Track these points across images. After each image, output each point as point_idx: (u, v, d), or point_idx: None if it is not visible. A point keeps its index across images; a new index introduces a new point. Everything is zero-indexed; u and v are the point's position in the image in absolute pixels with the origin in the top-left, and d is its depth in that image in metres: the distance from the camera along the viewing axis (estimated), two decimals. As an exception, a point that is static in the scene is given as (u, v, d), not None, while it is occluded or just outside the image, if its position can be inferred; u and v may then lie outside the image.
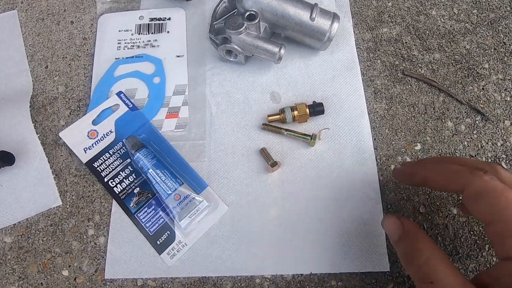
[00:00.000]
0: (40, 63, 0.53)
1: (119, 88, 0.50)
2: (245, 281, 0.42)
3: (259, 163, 0.47)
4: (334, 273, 0.42)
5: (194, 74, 0.52)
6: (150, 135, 0.48)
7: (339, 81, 0.51)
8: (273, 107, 0.50)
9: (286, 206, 0.44)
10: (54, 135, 0.48)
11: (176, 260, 0.42)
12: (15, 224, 0.44)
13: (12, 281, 0.41)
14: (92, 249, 0.43)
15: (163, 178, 0.43)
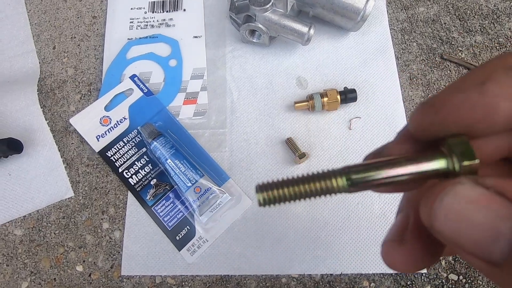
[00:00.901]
0: (47, 43, 0.49)
1: (133, 71, 0.47)
2: (270, 280, 0.39)
3: (285, 154, 0.43)
4: (365, 273, 0.39)
5: (213, 56, 0.48)
6: (167, 122, 0.44)
7: (371, 66, 0.47)
8: (299, 93, 0.46)
9: (314, 201, 0.41)
10: (64, 121, 0.45)
11: (196, 257, 0.39)
12: (25, 216, 0.41)
13: (24, 276, 0.39)
14: (107, 243, 0.40)
15: (183, 169, 0.40)
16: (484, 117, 0.10)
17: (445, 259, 0.39)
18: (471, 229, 0.09)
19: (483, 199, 0.09)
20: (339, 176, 0.12)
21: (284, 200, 0.13)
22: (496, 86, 0.10)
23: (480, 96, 0.10)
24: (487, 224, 0.09)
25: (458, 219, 0.10)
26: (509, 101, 0.10)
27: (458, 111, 0.11)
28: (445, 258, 0.39)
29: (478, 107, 0.10)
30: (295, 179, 0.13)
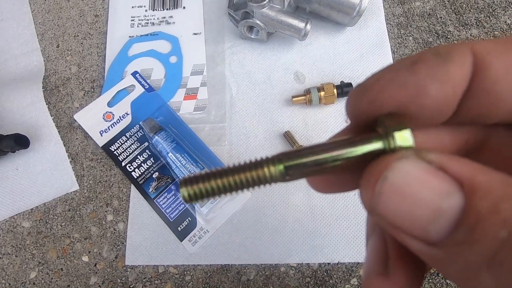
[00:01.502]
0: (51, 41, 0.51)
1: (134, 68, 0.48)
2: (269, 269, 0.40)
3: (283, 147, 0.44)
4: (362, 262, 0.40)
5: (213, 53, 0.49)
6: (168, 117, 0.45)
7: (368, 60, 0.48)
8: (297, 87, 0.47)
9: (311, 192, 0.42)
10: (68, 117, 0.46)
11: (198, 247, 0.40)
12: (32, 209, 0.43)
13: (32, 266, 0.41)
14: (111, 235, 0.42)
15: (184, 162, 0.41)
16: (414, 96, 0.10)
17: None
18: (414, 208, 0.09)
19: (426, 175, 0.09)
20: (272, 164, 0.11)
21: (212, 194, 0.11)
22: (426, 66, 0.10)
23: (410, 75, 0.10)
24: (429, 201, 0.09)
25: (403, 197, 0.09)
26: (437, 82, 0.10)
27: (388, 88, 0.10)
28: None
29: (407, 85, 0.10)
30: (224, 170, 0.12)
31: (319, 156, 0.11)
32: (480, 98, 0.11)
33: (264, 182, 0.11)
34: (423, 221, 0.09)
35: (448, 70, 0.10)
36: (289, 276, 0.40)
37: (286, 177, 0.11)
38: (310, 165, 0.11)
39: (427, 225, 0.09)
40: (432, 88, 0.10)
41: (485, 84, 0.10)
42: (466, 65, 0.10)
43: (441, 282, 0.39)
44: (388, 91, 0.11)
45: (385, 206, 0.10)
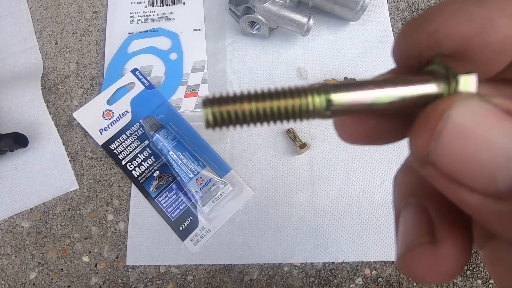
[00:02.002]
0: (50, 39, 0.50)
1: (134, 65, 0.47)
2: (272, 269, 0.39)
3: (286, 145, 0.43)
4: (367, 261, 0.39)
5: (214, 49, 0.48)
6: (169, 115, 0.45)
7: (372, 55, 0.47)
8: (299, 84, 0.46)
9: (315, 190, 0.41)
10: (67, 115, 0.46)
11: (200, 246, 0.40)
12: (31, 209, 0.42)
13: (32, 266, 0.40)
14: (112, 234, 0.41)
15: (185, 161, 0.41)
16: (481, 30, 0.09)
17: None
18: (481, 151, 0.08)
19: (495, 116, 0.08)
20: (317, 94, 0.09)
21: (241, 121, 0.09)
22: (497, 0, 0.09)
23: (478, 6, 0.09)
24: (499, 144, 0.08)
25: (468, 139, 0.08)
26: (507, 17, 0.09)
27: (454, 19, 0.09)
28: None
29: (475, 17, 0.09)
30: (260, 93, 0.09)
31: (370, 92, 0.09)
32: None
33: (303, 115, 0.09)
34: (490, 167, 0.08)
35: None
36: (293, 276, 0.39)
37: (328, 112, 0.09)
38: (358, 101, 0.09)
39: (495, 172, 0.08)
40: (502, 23, 0.09)
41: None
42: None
43: (448, 282, 0.38)
44: (454, 22, 0.09)
45: (445, 150, 0.08)
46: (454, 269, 0.09)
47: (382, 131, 0.11)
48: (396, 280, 0.39)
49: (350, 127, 0.11)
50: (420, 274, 0.10)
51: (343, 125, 0.11)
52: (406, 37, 0.10)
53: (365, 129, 0.11)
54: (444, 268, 0.09)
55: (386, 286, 0.39)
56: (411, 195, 0.11)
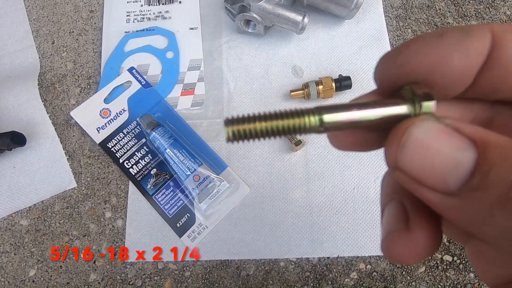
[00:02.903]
0: (46, 38, 0.50)
1: (131, 64, 0.47)
2: (269, 264, 0.40)
3: (282, 142, 0.44)
4: (362, 256, 0.40)
5: (210, 47, 0.48)
6: (166, 113, 0.45)
7: (366, 53, 0.47)
8: (295, 82, 0.46)
9: (311, 186, 0.42)
10: (65, 114, 0.46)
11: (197, 243, 0.40)
12: (30, 207, 0.42)
13: (31, 264, 0.40)
14: (110, 231, 0.41)
15: (181, 158, 0.41)
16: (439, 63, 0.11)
17: (440, 241, 0.40)
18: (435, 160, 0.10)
19: (445, 133, 0.10)
20: (312, 115, 0.12)
21: (254, 136, 0.12)
22: (451, 39, 0.11)
23: (437, 44, 0.11)
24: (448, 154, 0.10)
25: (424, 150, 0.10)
26: (461, 54, 0.11)
27: (418, 54, 0.12)
28: (440, 240, 0.40)
29: (435, 52, 0.11)
30: (268, 115, 0.12)
31: (354, 113, 0.12)
32: (494, 72, 0.12)
33: (302, 130, 0.12)
34: (442, 171, 0.10)
35: (470, 43, 0.11)
36: (289, 271, 0.40)
37: (321, 128, 0.12)
38: (344, 120, 0.12)
39: (446, 175, 0.10)
40: (456, 57, 0.11)
41: (500, 60, 0.12)
42: (486, 41, 0.12)
43: (441, 275, 0.39)
44: (418, 57, 0.12)
45: (408, 158, 0.11)
46: (423, 251, 0.12)
47: (367, 141, 0.14)
48: (390, 274, 0.39)
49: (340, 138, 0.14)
50: (396, 254, 0.12)
51: (335, 136, 0.14)
52: (382, 67, 0.13)
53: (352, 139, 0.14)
54: (415, 250, 0.12)
55: (380, 280, 0.39)
56: (393, 194, 0.14)
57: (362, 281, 0.39)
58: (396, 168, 0.11)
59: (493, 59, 0.12)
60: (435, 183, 0.10)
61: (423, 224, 0.12)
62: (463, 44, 0.11)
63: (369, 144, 0.14)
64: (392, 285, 0.39)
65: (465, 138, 0.10)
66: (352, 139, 0.14)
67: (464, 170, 0.10)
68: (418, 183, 0.11)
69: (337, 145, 0.14)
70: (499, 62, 0.12)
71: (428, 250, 0.12)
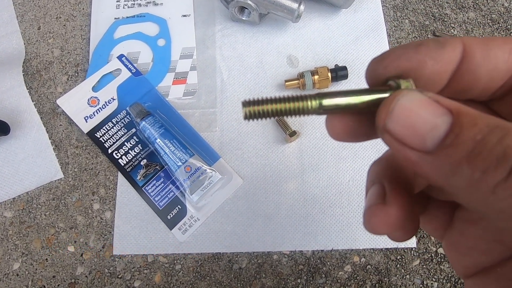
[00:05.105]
0: (32, 23, 0.48)
1: (120, 51, 0.46)
2: (262, 257, 0.39)
3: (276, 133, 0.43)
4: (356, 249, 0.39)
5: (203, 35, 0.47)
6: (156, 103, 0.44)
7: (363, 43, 0.46)
8: (290, 71, 0.45)
9: (305, 178, 0.41)
10: (51, 103, 0.44)
11: (188, 235, 0.39)
12: (14, 198, 0.41)
13: (15, 257, 0.39)
14: (98, 224, 0.40)
15: (172, 149, 0.40)
16: (416, 68, 0.14)
17: (434, 234, 0.40)
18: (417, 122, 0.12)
19: (426, 101, 0.13)
20: (314, 99, 0.15)
21: (265, 116, 0.15)
22: (427, 48, 0.14)
23: (414, 53, 0.14)
24: (428, 118, 0.12)
25: (408, 114, 0.13)
26: (434, 61, 0.14)
27: (398, 60, 0.15)
28: (435, 233, 0.40)
29: (412, 59, 0.14)
30: (277, 98, 0.15)
31: (349, 97, 0.14)
32: (465, 77, 0.15)
33: (305, 112, 0.15)
34: (422, 132, 0.12)
35: (442, 53, 0.14)
36: (282, 264, 0.39)
37: (320, 110, 0.15)
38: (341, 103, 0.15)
39: (425, 136, 0.12)
40: (429, 64, 0.14)
41: (469, 67, 0.14)
42: (457, 51, 0.14)
43: (435, 268, 0.39)
44: (398, 62, 0.14)
45: (394, 121, 0.13)
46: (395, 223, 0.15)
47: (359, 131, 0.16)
48: (384, 267, 0.39)
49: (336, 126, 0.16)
50: (374, 224, 0.15)
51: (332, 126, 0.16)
52: (371, 69, 0.15)
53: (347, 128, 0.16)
54: (389, 220, 0.15)
55: (374, 273, 0.39)
56: (376, 178, 0.17)
57: (356, 274, 0.39)
58: (384, 130, 0.13)
59: (463, 66, 0.14)
60: (416, 143, 0.12)
61: (397, 200, 0.15)
62: (437, 54, 0.14)
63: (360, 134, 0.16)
64: (386, 278, 0.38)
65: (443, 107, 0.12)
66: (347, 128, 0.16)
67: (440, 132, 0.12)
68: (401, 144, 0.13)
69: (333, 134, 0.16)
70: (469, 69, 0.14)
71: (400, 223, 0.15)
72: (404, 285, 0.38)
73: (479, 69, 0.14)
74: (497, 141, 0.11)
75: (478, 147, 0.11)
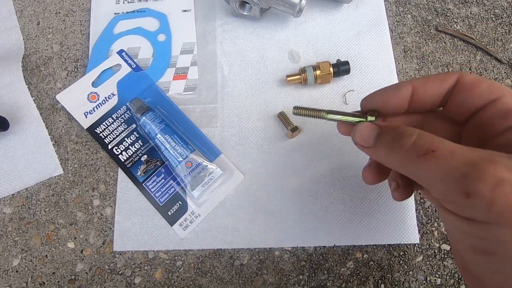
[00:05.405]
0: (31, 19, 0.48)
1: (120, 47, 0.45)
2: (263, 253, 0.39)
3: (277, 129, 0.42)
4: (358, 245, 0.39)
5: (203, 31, 0.47)
6: (157, 98, 0.43)
7: (365, 38, 0.46)
8: (291, 67, 0.45)
9: (307, 174, 0.41)
10: (50, 98, 0.44)
11: (189, 231, 0.39)
12: (14, 194, 0.40)
13: (14, 253, 0.39)
14: (98, 220, 0.40)
15: (173, 144, 0.39)
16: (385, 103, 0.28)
17: (437, 230, 0.39)
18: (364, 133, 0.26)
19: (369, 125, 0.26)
20: (324, 113, 0.29)
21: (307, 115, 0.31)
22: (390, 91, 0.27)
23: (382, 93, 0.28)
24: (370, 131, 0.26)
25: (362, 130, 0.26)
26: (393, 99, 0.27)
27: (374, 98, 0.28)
28: (438, 229, 0.39)
29: (381, 98, 0.28)
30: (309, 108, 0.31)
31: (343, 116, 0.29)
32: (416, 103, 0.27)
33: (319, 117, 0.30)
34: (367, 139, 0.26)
35: (398, 94, 0.27)
36: (284, 260, 0.39)
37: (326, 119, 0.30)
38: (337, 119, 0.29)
39: (368, 140, 0.26)
40: (392, 101, 0.27)
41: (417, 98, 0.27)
42: (408, 90, 0.26)
43: (439, 264, 0.38)
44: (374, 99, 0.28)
45: (356, 136, 0.27)
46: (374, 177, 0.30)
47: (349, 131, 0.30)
48: (387, 263, 0.38)
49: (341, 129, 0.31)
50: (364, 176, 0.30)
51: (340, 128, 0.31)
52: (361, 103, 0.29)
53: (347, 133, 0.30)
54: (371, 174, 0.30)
55: (377, 269, 0.38)
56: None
57: (358, 270, 0.38)
58: (353, 140, 0.27)
59: (414, 99, 0.27)
60: (365, 144, 0.26)
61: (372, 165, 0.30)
62: (394, 94, 0.27)
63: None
64: (389, 274, 0.38)
65: (376, 126, 0.26)
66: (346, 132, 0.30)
67: (374, 137, 0.25)
68: (361, 146, 0.27)
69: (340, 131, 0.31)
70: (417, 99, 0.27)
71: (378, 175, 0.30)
72: (407, 281, 0.38)
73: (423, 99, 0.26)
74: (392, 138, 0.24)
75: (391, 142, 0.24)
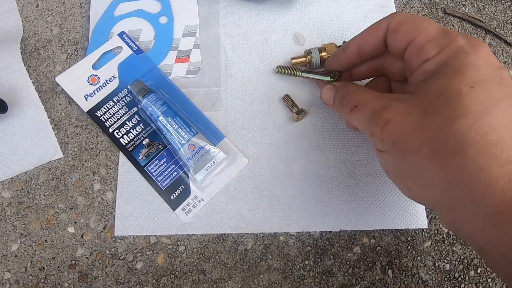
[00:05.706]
0: (30, 1, 0.46)
1: (121, 29, 0.44)
2: (268, 238, 0.38)
3: (282, 112, 0.41)
4: (365, 230, 0.38)
5: (206, 13, 0.45)
6: (159, 81, 0.42)
7: (371, 21, 0.44)
8: (296, 50, 0.44)
9: (312, 158, 0.40)
10: (50, 81, 0.43)
11: (192, 216, 0.38)
12: (12, 178, 0.40)
13: (13, 238, 0.38)
14: (99, 204, 0.39)
15: (175, 127, 0.38)
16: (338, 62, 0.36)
17: (446, 215, 0.38)
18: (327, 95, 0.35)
19: (329, 87, 0.35)
20: (299, 71, 0.39)
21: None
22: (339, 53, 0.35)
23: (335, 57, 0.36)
24: (330, 92, 0.34)
25: (325, 93, 0.35)
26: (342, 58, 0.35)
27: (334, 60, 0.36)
28: (446, 214, 0.38)
29: (335, 60, 0.36)
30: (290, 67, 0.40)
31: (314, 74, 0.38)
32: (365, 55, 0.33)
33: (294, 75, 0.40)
34: (329, 99, 0.35)
35: (346, 53, 0.34)
36: (289, 245, 0.38)
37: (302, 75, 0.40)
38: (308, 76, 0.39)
39: (330, 99, 0.34)
40: (343, 61, 0.35)
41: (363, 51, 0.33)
42: (353, 49, 0.33)
43: (447, 250, 0.37)
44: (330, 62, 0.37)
45: (322, 95, 0.36)
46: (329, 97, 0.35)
47: None
48: (395, 248, 0.38)
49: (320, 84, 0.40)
50: (322, 95, 0.36)
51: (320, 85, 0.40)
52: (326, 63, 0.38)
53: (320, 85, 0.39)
54: (327, 94, 0.35)
55: (384, 254, 0.38)
56: None
57: (365, 255, 0.37)
58: (321, 98, 0.36)
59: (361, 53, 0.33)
60: (328, 103, 0.35)
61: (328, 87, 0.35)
62: (343, 54, 0.34)
63: None
64: (397, 259, 0.37)
65: (333, 87, 0.34)
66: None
67: (332, 97, 0.34)
68: (326, 104, 0.35)
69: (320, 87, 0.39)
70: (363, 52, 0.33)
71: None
72: (415, 266, 0.37)
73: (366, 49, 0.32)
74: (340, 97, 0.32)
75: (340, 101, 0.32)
